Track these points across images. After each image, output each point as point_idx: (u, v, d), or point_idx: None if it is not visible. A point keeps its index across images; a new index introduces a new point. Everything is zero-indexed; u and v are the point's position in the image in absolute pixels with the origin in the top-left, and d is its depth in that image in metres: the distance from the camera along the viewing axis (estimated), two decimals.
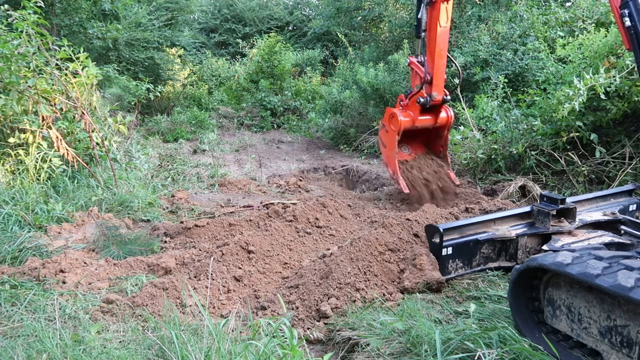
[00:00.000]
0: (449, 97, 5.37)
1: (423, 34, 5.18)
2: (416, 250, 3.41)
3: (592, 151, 5.39)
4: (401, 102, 5.51)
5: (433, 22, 5.04)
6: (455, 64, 5.72)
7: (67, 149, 5.24)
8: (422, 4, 5.07)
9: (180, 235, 4.55)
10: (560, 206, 3.49)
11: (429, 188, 5.45)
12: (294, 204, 5.29)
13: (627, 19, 3.26)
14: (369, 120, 9.34)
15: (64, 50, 5.23)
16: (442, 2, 4.90)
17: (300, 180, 7.03)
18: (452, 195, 5.47)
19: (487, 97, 7.31)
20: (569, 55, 6.16)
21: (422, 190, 5.41)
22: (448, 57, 5.25)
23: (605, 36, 5.84)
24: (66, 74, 5.46)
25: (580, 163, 5.35)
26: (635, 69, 3.27)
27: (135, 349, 2.50)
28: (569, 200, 3.65)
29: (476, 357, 2.24)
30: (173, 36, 12.89)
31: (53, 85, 5.31)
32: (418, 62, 5.40)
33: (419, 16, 5.11)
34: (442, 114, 5.47)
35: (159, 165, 7.59)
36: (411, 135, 5.64)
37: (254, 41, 17.51)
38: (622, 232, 3.67)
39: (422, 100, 5.23)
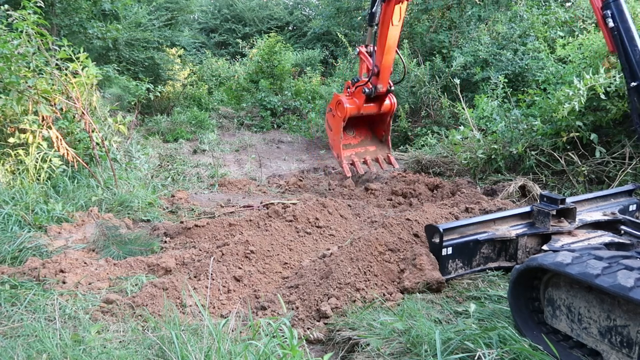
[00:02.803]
0: (392, 88, 5.72)
1: (375, 27, 5.40)
2: (416, 250, 3.42)
3: (592, 151, 5.39)
4: (348, 89, 5.78)
5: (386, 19, 5.19)
6: (403, 62, 6.11)
7: (67, 149, 5.24)
8: (376, 1, 5.27)
9: (180, 235, 4.55)
10: (560, 206, 3.49)
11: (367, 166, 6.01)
12: (294, 204, 5.29)
13: (609, 19, 3.27)
14: None
15: (64, 50, 5.23)
16: (397, 3, 5.08)
17: (300, 180, 7.02)
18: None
19: (487, 97, 7.32)
20: (569, 55, 6.16)
21: (359, 169, 5.91)
22: (397, 52, 5.51)
23: None
24: (66, 74, 5.46)
25: (580, 163, 5.35)
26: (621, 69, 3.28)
27: (135, 349, 2.50)
28: (569, 200, 3.65)
29: (476, 357, 2.24)
30: (173, 36, 12.89)
31: (53, 85, 5.31)
32: (367, 52, 5.64)
33: (373, 10, 5.33)
34: (386, 102, 5.82)
35: (159, 165, 7.58)
36: (356, 120, 5.99)
37: (254, 41, 17.51)
38: (622, 232, 3.67)
39: (367, 91, 5.52)
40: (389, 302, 3.09)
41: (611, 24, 3.26)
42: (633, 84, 3.14)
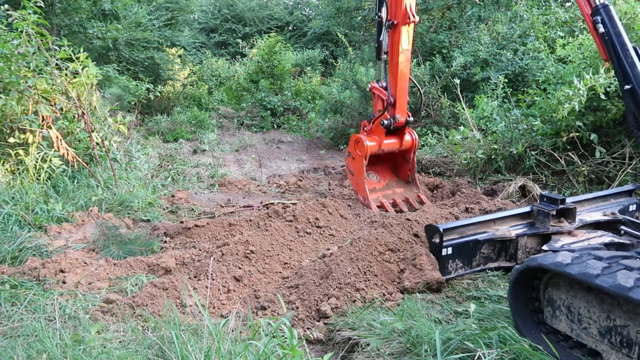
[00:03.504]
0: (411, 119, 5.45)
1: (385, 56, 5.26)
2: (416, 250, 3.42)
3: (592, 151, 5.39)
4: (365, 128, 5.52)
5: (395, 45, 5.08)
6: (418, 87, 5.88)
7: (67, 149, 5.24)
8: (383, 27, 5.13)
9: (180, 235, 4.55)
10: (560, 206, 3.49)
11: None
12: (294, 204, 5.29)
13: (600, 25, 3.30)
14: (369, 120, 9.32)
15: (64, 50, 5.23)
16: (404, 24, 4.95)
17: (300, 180, 7.02)
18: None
19: (487, 97, 7.31)
20: (569, 55, 6.16)
21: (389, 209, 5.34)
22: (410, 79, 5.33)
23: None
24: (66, 74, 5.46)
25: (580, 163, 5.35)
26: (614, 74, 3.32)
27: (135, 349, 2.51)
28: (569, 200, 3.65)
29: (476, 357, 2.24)
30: (173, 36, 12.89)
31: (53, 85, 5.31)
32: (380, 86, 5.44)
33: (380, 39, 5.20)
34: (407, 137, 5.52)
35: (159, 165, 7.58)
36: (378, 161, 5.66)
37: (254, 41, 17.51)
38: (622, 232, 3.67)
39: (385, 122, 5.26)
40: (389, 302, 3.09)
41: (601, 30, 3.30)
42: (627, 86, 3.17)
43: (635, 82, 3.13)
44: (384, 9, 5.10)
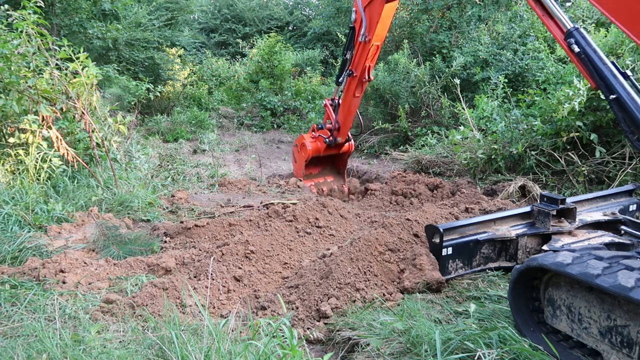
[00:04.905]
0: (351, 138, 6.67)
1: (341, 86, 6.18)
2: (416, 250, 3.41)
3: (592, 151, 5.39)
4: (313, 132, 6.67)
5: (349, 90, 5.99)
6: (361, 120, 6.95)
7: (67, 149, 5.24)
8: (345, 70, 5.95)
9: (180, 235, 4.55)
10: (561, 206, 3.49)
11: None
12: (294, 204, 5.29)
13: (575, 46, 3.40)
14: (369, 120, 9.34)
15: (64, 50, 5.23)
16: (361, 79, 5.81)
17: (300, 180, 7.02)
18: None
19: (487, 97, 7.31)
20: None
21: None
22: (357, 113, 6.44)
23: (605, 36, 5.84)
24: (66, 74, 5.46)
25: (580, 163, 5.35)
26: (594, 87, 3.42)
27: (135, 349, 2.50)
28: (569, 200, 3.65)
29: (476, 357, 2.24)
30: (173, 36, 12.90)
31: (53, 85, 5.31)
32: (331, 105, 6.54)
33: (340, 79, 6.11)
34: (345, 145, 6.70)
35: (159, 165, 7.58)
36: (319, 156, 6.82)
37: (254, 41, 17.51)
38: (622, 232, 3.67)
39: (327, 141, 6.44)
40: (389, 302, 3.09)
41: (577, 49, 3.38)
42: (612, 96, 3.24)
43: (618, 91, 3.21)
44: (348, 54, 5.88)
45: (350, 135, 6.61)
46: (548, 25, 3.60)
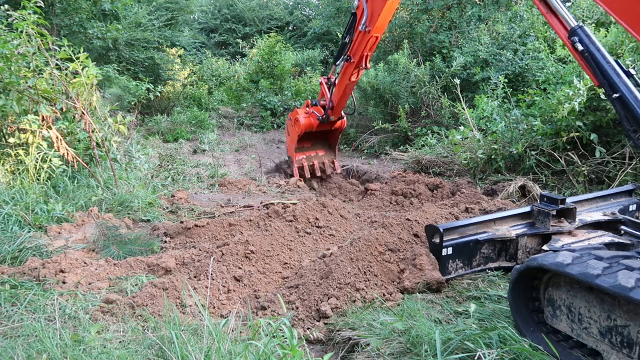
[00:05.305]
0: (344, 116, 6.76)
1: (338, 68, 6.22)
2: (416, 250, 3.41)
3: (592, 151, 5.39)
4: (307, 107, 6.71)
5: (346, 75, 6.09)
6: (354, 101, 7.01)
7: (67, 149, 5.24)
8: (343, 55, 5.96)
9: (180, 235, 4.55)
10: (560, 206, 3.49)
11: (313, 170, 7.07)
12: (294, 204, 5.29)
13: (578, 44, 3.39)
14: (369, 120, 9.33)
15: (64, 50, 5.22)
16: (357, 67, 5.89)
17: (300, 180, 7.02)
18: (328, 176, 7.19)
19: (487, 97, 7.31)
20: (569, 55, 6.15)
21: (306, 172, 6.96)
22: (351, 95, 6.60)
23: (606, 36, 5.84)
24: (66, 74, 5.46)
25: (580, 163, 5.35)
26: (599, 85, 3.42)
27: (135, 349, 2.50)
28: (569, 200, 3.65)
29: (476, 357, 2.24)
30: (173, 36, 12.89)
31: (53, 85, 5.31)
32: (327, 84, 6.49)
33: (337, 63, 6.12)
34: (338, 122, 6.80)
35: (159, 165, 7.58)
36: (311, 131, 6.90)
37: (254, 41, 17.50)
38: (622, 232, 3.67)
39: (320, 118, 6.54)
40: (389, 302, 3.09)
41: (580, 48, 3.38)
42: (615, 95, 3.24)
43: (622, 89, 3.20)
44: (347, 38, 5.86)
45: (343, 113, 6.74)
46: (552, 22, 3.59)
